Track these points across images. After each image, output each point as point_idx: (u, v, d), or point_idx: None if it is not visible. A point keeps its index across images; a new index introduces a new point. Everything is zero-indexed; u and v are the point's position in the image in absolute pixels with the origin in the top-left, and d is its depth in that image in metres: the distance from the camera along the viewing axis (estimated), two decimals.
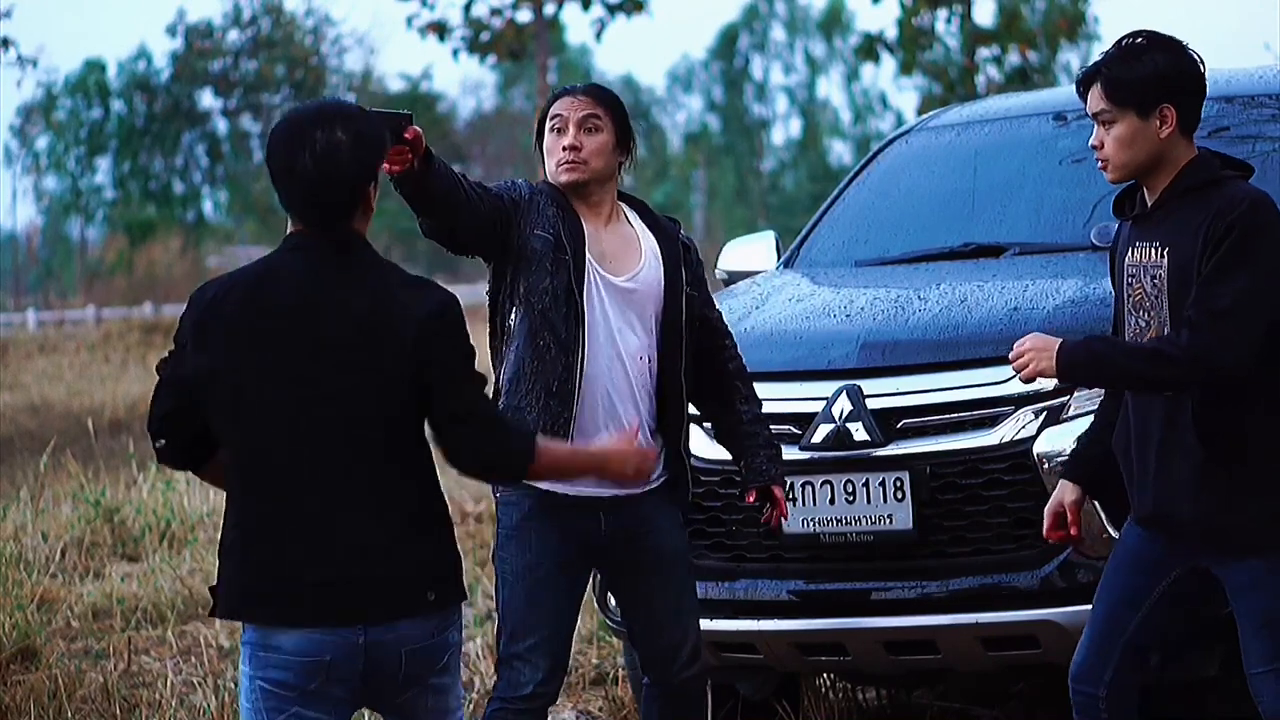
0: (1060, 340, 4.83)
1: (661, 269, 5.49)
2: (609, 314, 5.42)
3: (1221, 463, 4.78)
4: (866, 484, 5.99)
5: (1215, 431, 4.78)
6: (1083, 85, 4.92)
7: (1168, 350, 4.71)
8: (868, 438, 5.99)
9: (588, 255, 5.40)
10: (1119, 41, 4.92)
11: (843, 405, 6.03)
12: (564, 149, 5.43)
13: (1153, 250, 4.84)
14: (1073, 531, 5.07)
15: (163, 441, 4.47)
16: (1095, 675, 5.01)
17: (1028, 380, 4.95)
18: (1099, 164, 4.90)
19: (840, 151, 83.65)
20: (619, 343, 5.42)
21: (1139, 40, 4.88)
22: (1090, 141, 4.92)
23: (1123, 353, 4.81)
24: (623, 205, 5.59)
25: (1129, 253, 4.91)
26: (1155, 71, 4.80)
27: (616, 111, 5.52)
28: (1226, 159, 4.91)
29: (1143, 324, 4.86)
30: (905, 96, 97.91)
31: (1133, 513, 4.99)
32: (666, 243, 5.53)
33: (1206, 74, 4.89)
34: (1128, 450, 4.96)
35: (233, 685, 7.73)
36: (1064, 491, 5.10)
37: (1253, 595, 4.82)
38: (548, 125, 5.51)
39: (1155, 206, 4.86)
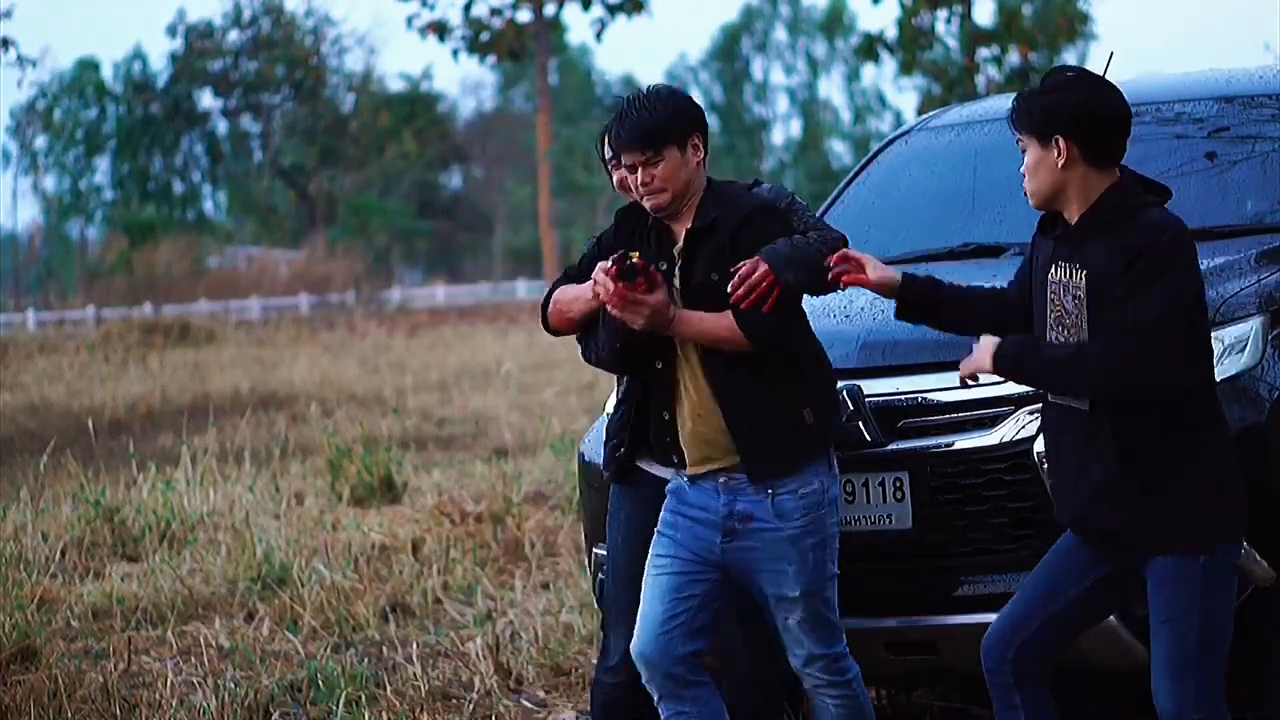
0: (1000, 340, 5.09)
1: None
2: None
3: (1134, 472, 5.02)
4: (866, 484, 5.99)
5: (1130, 444, 5.02)
6: None
7: (1079, 359, 4.99)
8: (868, 438, 5.99)
9: None
10: (1046, 74, 5.22)
11: (843, 405, 6.02)
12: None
13: (1073, 270, 5.05)
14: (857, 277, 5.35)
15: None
16: (1004, 642, 5.20)
17: (966, 376, 5.18)
18: None
19: (840, 151, 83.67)
20: None
21: (1056, 76, 5.14)
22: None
23: (1039, 356, 5.07)
24: None
25: (1051, 269, 5.14)
26: (1046, 105, 5.07)
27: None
28: (1148, 183, 5.12)
29: (1063, 339, 5.09)
30: (905, 96, 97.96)
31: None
32: None
33: (1120, 112, 5.08)
34: (1049, 461, 5.28)
35: (233, 685, 7.73)
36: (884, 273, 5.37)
37: (1158, 593, 5.06)
38: (615, 163, 5.68)
39: (1075, 229, 5.10)
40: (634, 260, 5.30)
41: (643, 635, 5.48)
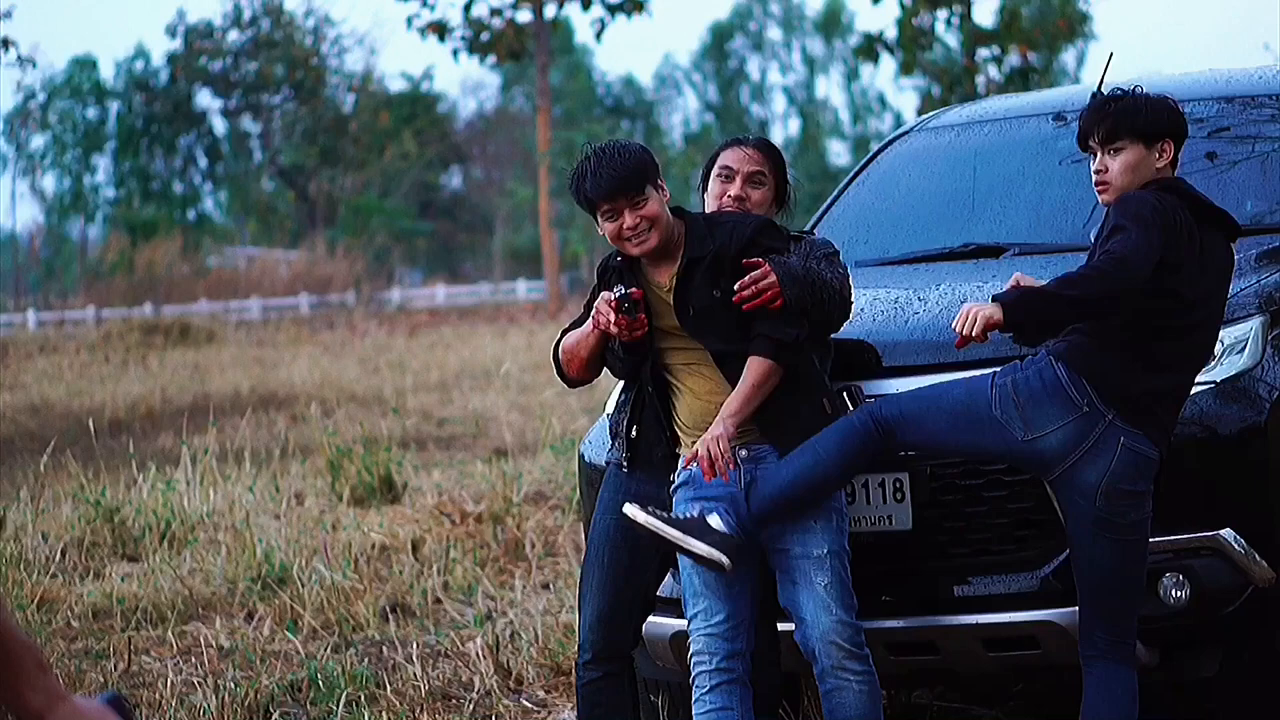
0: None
1: None
2: None
3: None
4: (866, 484, 5.99)
5: None
6: None
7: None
8: None
9: None
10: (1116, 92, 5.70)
11: (844, 406, 6.02)
12: (730, 197, 5.95)
13: None
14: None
15: None
16: None
17: (972, 337, 5.29)
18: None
19: (839, 152, 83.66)
20: None
21: (1134, 93, 5.67)
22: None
23: (1057, 283, 5.32)
24: None
25: None
26: (1152, 113, 5.69)
27: (779, 169, 6.04)
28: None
29: None
30: (905, 97, 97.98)
31: None
32: None
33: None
34: None
35: (233, 685, 7.74)
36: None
37: None
38: (715, 173, 6.02)
39: None
40: (632, 293, 5.64)
41: (710, 624, 5.65)
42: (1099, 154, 5.56)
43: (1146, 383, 5.41)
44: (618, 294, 5.66)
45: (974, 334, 5.28)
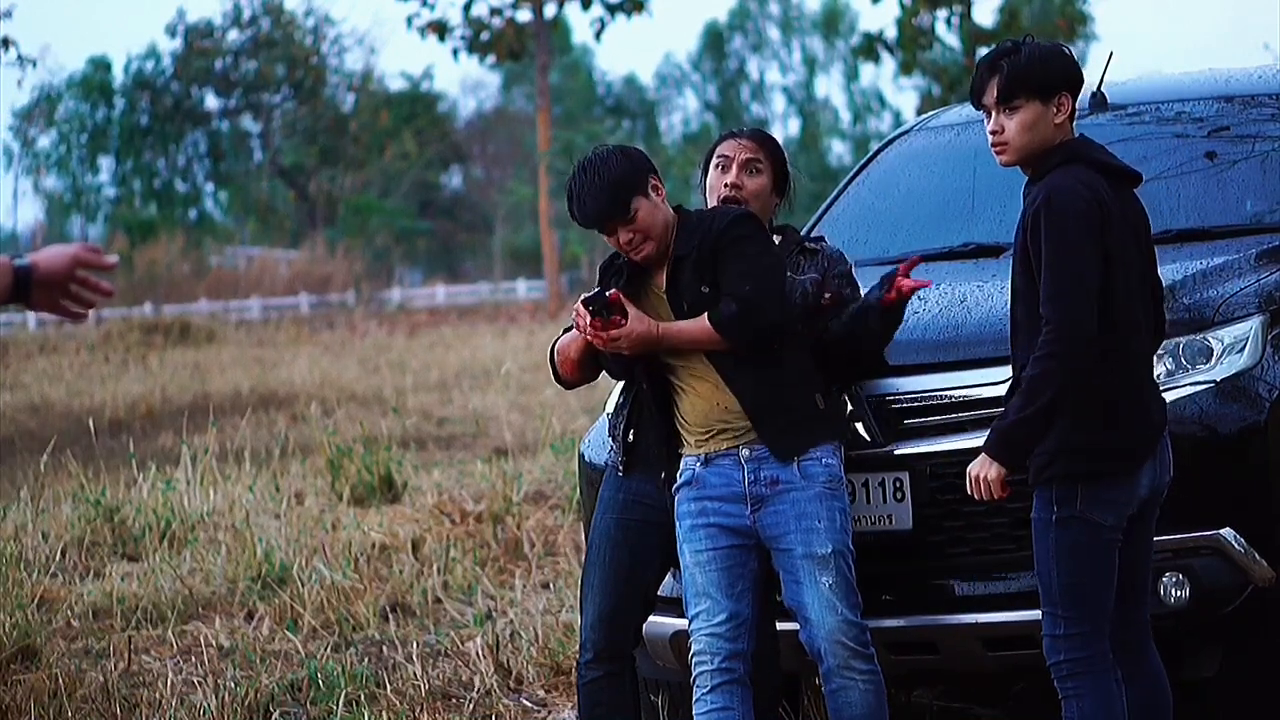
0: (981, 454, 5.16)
1: None
2: None
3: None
4: (866, 484, 5.99)
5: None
6: None
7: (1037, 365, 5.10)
8: (868, 438, 5.99)
9: None
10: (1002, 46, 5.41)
11: (843, 405, 6.02)
12: (726, 185, 5.94)
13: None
14: None
15: None
16: None
17: (998, 497, 5.18)
18: None
19: (840, 151, 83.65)
20: None
21: (1027, 44, 5.33)
22: None
23: (1019, 405, 5.11)
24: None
25: None
26: (1046, 66, 5.32)
27: (776, 157, 6.02)
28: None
29: None
30: (905, 96, 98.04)
31: None
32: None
33: None
34: None
35: (233, 685, 7.74)
36: None
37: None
38: (713, 163, 6.00)
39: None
40: (607, 295, 5.63)
41: (711, 624, 5.65)
42: (994, 114, 5.29)
43: (1109, 432, 5.22)
44: (590, 295, 5.68)
45: (997, 495, 5.15)
